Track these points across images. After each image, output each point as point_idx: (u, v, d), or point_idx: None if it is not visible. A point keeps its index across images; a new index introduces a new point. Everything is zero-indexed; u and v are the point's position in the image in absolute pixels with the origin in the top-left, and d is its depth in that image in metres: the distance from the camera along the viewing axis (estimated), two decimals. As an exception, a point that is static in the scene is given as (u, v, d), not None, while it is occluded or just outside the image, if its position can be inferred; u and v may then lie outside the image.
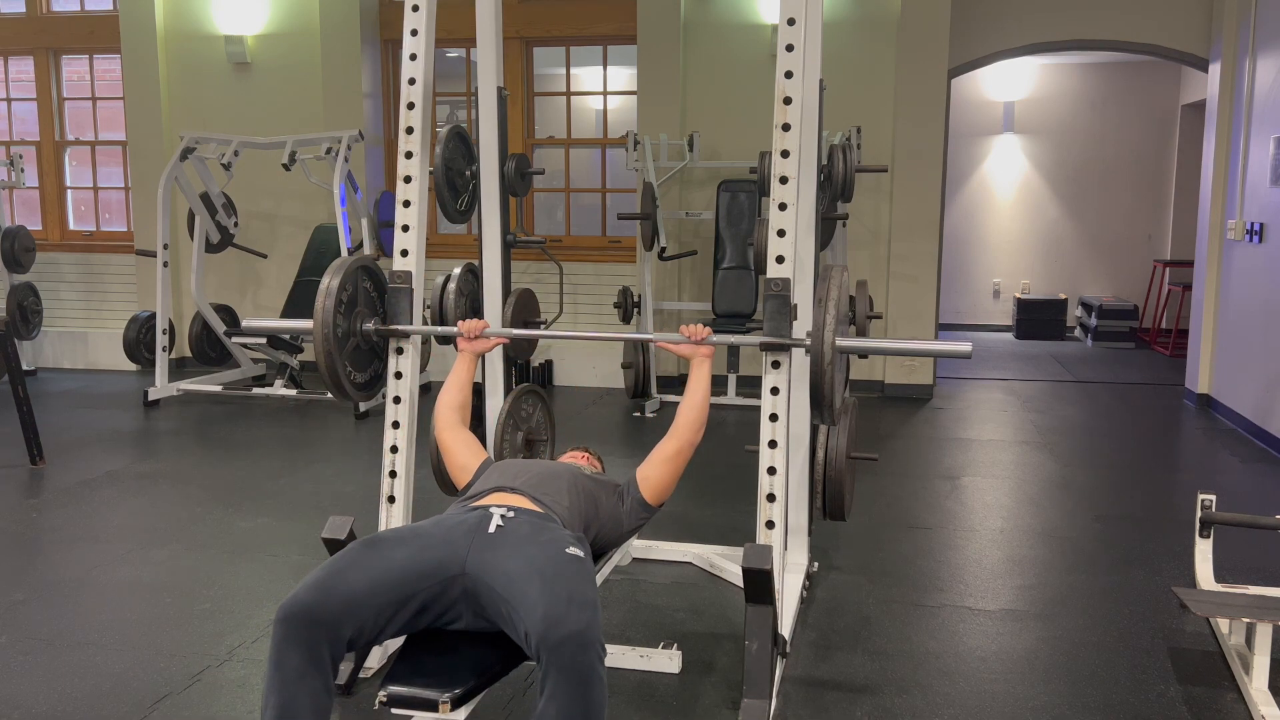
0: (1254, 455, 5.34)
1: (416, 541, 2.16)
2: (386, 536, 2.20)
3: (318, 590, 2.01)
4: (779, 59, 2.71)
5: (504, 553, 2.12)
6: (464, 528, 2.19)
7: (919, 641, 3.10)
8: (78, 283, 7.90)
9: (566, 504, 2.41)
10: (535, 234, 7.17)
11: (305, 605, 1.98)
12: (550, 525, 2.27)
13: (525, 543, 2.15)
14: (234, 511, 4.31)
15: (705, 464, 5.04)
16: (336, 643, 2.00)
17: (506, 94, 3.58)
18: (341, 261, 2.84)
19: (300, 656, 1.96)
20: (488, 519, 2.21)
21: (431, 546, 2.14)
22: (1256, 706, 2.62)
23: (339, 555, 2.13)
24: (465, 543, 2.15)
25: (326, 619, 1.98)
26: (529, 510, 2.30)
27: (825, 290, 2.51)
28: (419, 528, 2.24)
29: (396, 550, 2.13)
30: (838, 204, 5.43)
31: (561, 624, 1.92)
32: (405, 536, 2.19)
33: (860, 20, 6.68)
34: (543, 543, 2.16)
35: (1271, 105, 5.66)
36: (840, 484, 3.24)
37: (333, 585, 2.02)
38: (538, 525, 2.23)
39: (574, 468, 2.62)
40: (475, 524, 2.20)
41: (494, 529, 2.18)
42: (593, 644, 1.94)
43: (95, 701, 2.71)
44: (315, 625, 1.97)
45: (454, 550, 2.13)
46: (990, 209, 10.07)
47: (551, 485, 2.45)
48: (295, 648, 1.96)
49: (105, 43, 7.60)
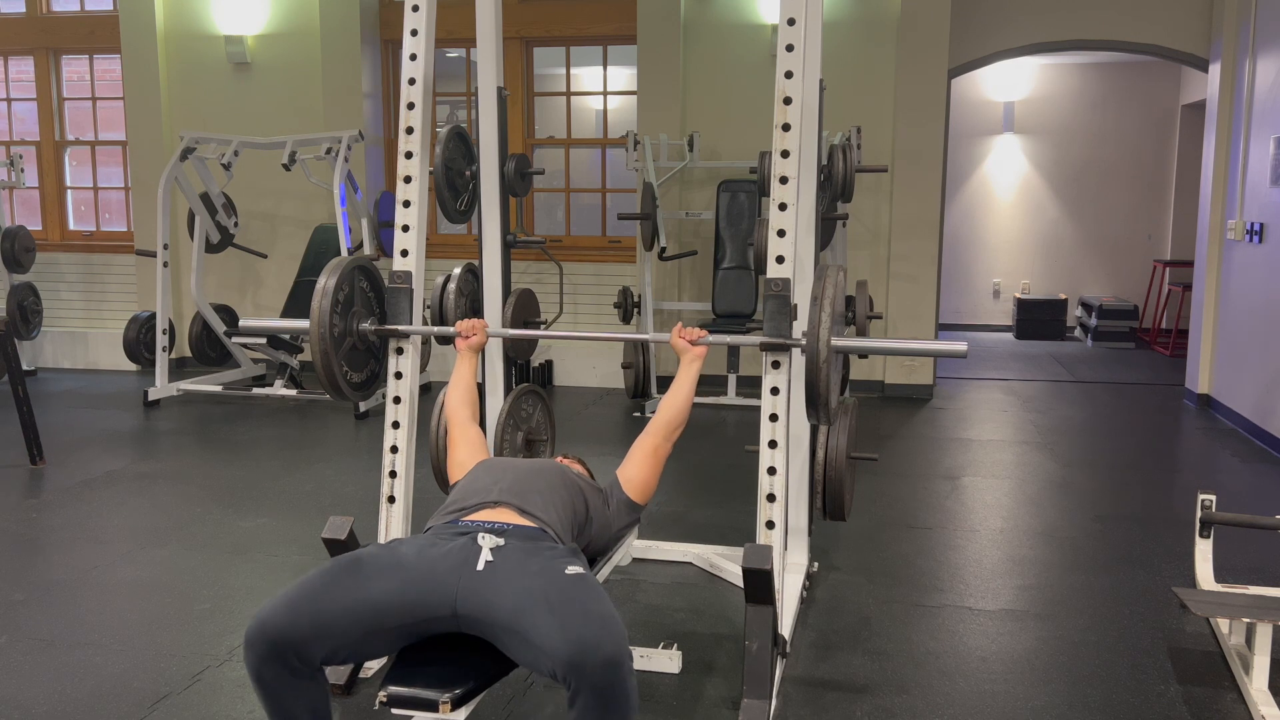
0: (1254, 455, 5.34)
1: (399, 575, 2.06)
2: (367, 563, 2.09)
3: (288, 611, 1.96)
4: (779, 59, 2.71)
5: (498, 589, 2.03)
6: (449, 562, 2.07)
7: (919, 641, 3.10)
8: (78, 283, 7.90)
9: (557, 508, 2.33)
10: (535, 234, 7.17)
11: (272, 627, 1.94)
12: (542, 546, 2.18)
13: (519, 575, 2.05)
14: (234, 511, 4.31)
15: (705, 464, 5.06)
16: (306, 660, 1.98)
17: (506, 94, 3.58)
18: (338, 261, 2.84)
19: (275, 669, 1.96)
20: (475, 554, 2.09)
21: (415, 583, 2.04)
22: (1256, 706, 2.62)
23: (315, 576, 2.06)
24: (453, 582, 2.04)
25: (294, 640, 1.95)
26: (518, 528, 2.21)
27: (821, 289, 2.51)
28: (402, 557, 2.11)
29: (376, 582, 2.04)
30: (838, 204, 5.43)
31: (592, 650, 1.87)
32: (386, 567, 2.08)
33: (860, 20, 6.68)
34: (537, 571, 2.06)
35: (1271, 105, 5.66)
36: (840, 484, 3.24)
37: (304, 608, 1.98)
38: (529, 550, 2.14)
39: (561, 465, 2.57)
40: (461, 559, 2.08)
41: (483, 565, 2.06)
42: (624, 661, 1.90)
43: (95, 701, 2.71)
44: (282, 645, 1.94)
45: (440, 589, 2.03)
46: (990, 209, 10.07)
47: (538, 487, 2.37)
48: (268, 664, 1.95)
49: (105, 43, 7.61)
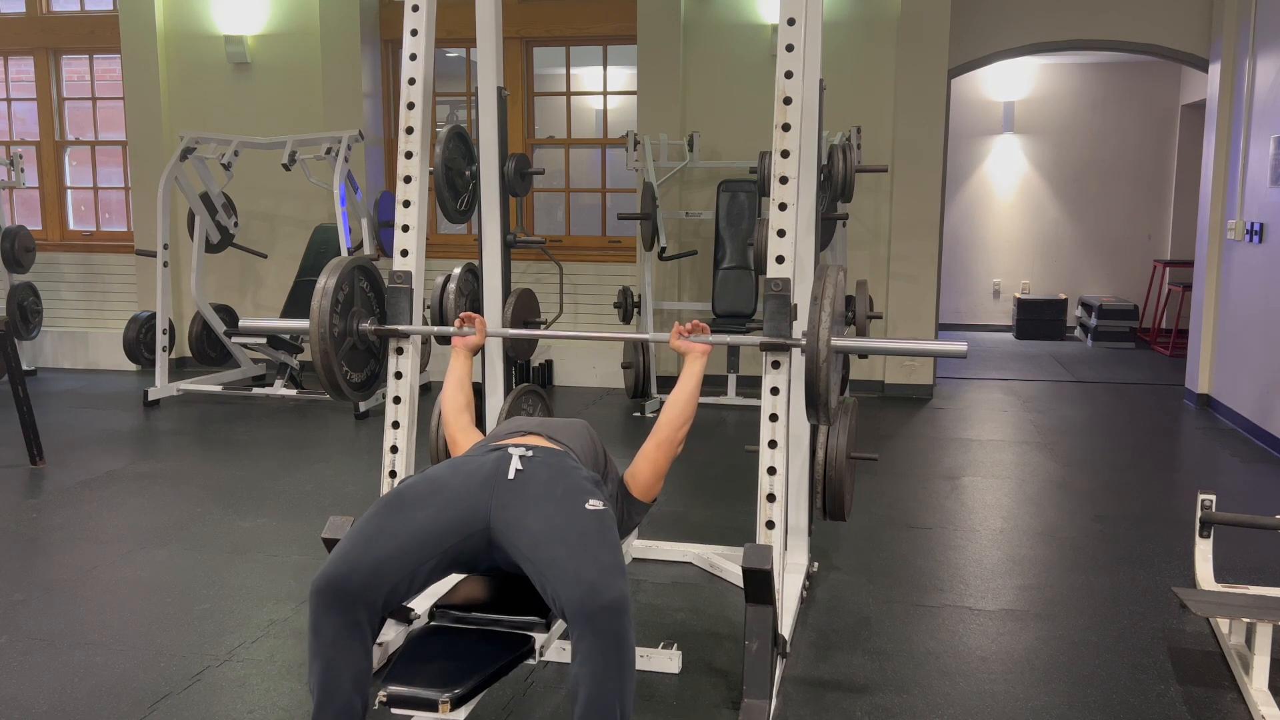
0: (1254, 455, 5.34)
1: (437, 498, 2.20)
2: (407, 496, 2.23)
3: (345, 563, 2.09)
4: (779, 59, 2.71)
5: (525, 506, 2.17)
6: (482, 474, 2.23)
7: (919, 641, 3.10)
8: (78, 283, 7.91)
9: (581, 447, 2.47)
10: (535, 234, 7.17)
11: (335, 579, 2.07)
12: (568, 464, 2.31)
13: (545, 495, 2.19)
14: (234, 511, 4.31)
15: (705, 464, 5.05)
16: (371, 607, 2.10)
17: (506, 94, 3.58)
18: (338, 261, 2.84)
19: (336, 623, 2.07)
20: (506, 460, 2.26)
21: (452, 503, 2.19)
22: (1256, 706, 2.62)
23: (363, 522, 2.19)
24: (486, 494, 2.19)
25: (356, 588, 2.07)
26: (546, 448, 2.34)
27: (821, 289, 2.51)
28: (439, 479, 2.26)
29: (418, 511, 2.18)
30: (838, 204, 5.43)
31: (598, 594, 1.98)
32: (425, 493, 2.22)
33: (860, 20, 6.68)
34: (561, 496, 2.19)
35: (1271, 105, 5.66)
36: (840, 484, 3.24)
37: (359, 556, 2.10)
38: (556, 466, 2.28)
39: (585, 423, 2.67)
40: (493, 469, 2.24)
41: (513, 474, 2.22)
42: (626, 609, 2.01)
43: (95, 701, 2.71)
44: (347, 595, 2.06)
45: (475, 504, 2.18)
46: (990, 209, 10.07)
47: (564, 429, 2.52)
48: (330, 616, 2.07)
49: (105, 43, 7.61)
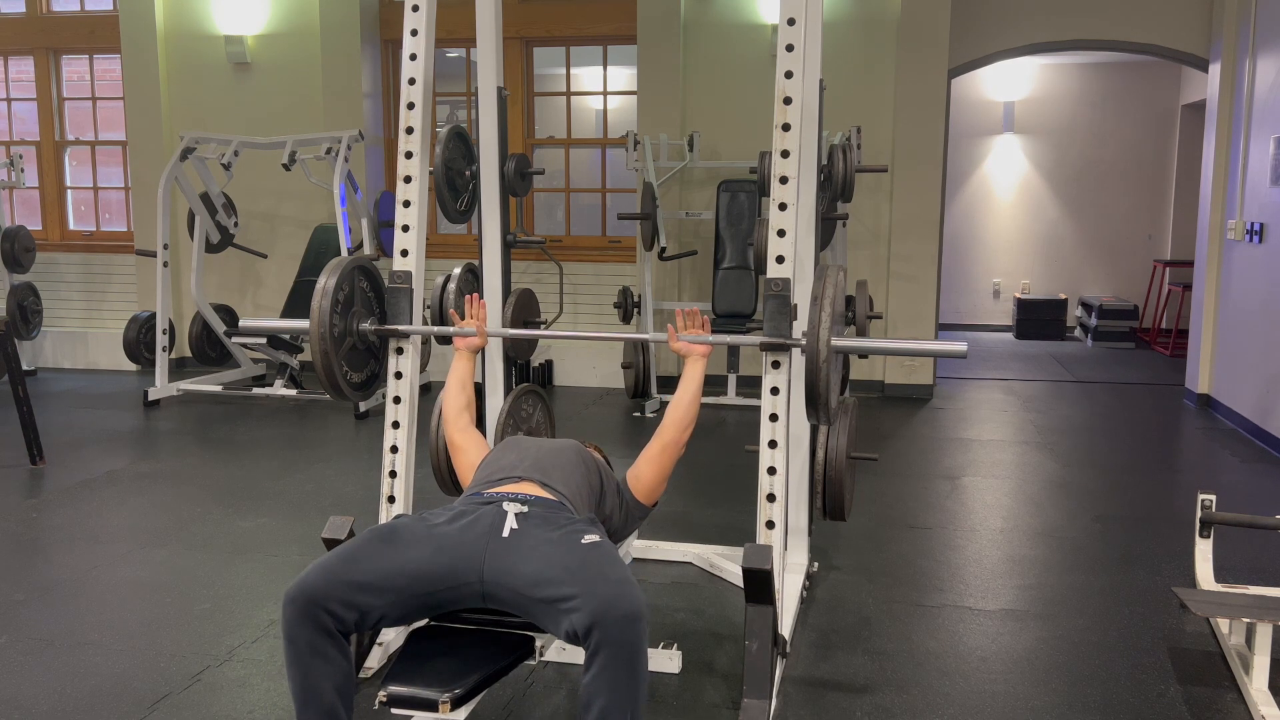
0: (1254, 455, 5.34)
1: (431, 543, 2.17)
2: (402, 533, 2.20)
3: (325, 575, 2.07)
4: (779, 59, 2.71)
5: (521, 555, 2.14)
6: (478, 529, 2.19)
7: (919, 641, 3.10)
8: (78, 283, 7.90)
9: (575, 483, 2.45)
10: (535, 234, 7.17)
11: (309, 587, 2.05)
12: (564, 515, 2.29)
13: (541, 543, 2.17)
14: (234, 511, 4.31)
15: (705, 464, 5.05)
16: (342, 623, 2.08)
17: (506, 94, 3.58)
18: (338, 261, 2.84)
19: (310, 631, 2.05)
20: (502, 519, 2.21)
21: (445, 550, 2.15)
22: (1256, 706, 2.62)
23: (352, 543, 2.18)
24: (480, 547, 2.15)
25: (331, 601, 2.05)
26: (540, 499, 2.32)
27: (821, 289, 2.50)
28: (434, 526, 2.22)
29: (410, 550, 2.15)
30: (838, 204, 5.43)
31: (613, 605, 1.98)
32: (420, 536, 2.19)
33: (860, 20, 6.68)
34: (557, 539, 2.18)
35: (1271, 105, 5.65)
36: (840, 484, 3.24)
37: (341, 572, 2.09)
38: (550, 520, 2.25)
39: (578, 444, 2.65)
40: (489, 525, 2.20)
41: (508, 532, 2.18)
42: (642, 617, 2.01)
43: (95, 701, 2.71)
44: (319, 606, 2.04)
45: (469, 556, 2.14)
46: (990, 209, 10.07)
47: (558, 464, 2.48)
48: (303, 625, 2.05)
49: (105, 43, 7.61)
